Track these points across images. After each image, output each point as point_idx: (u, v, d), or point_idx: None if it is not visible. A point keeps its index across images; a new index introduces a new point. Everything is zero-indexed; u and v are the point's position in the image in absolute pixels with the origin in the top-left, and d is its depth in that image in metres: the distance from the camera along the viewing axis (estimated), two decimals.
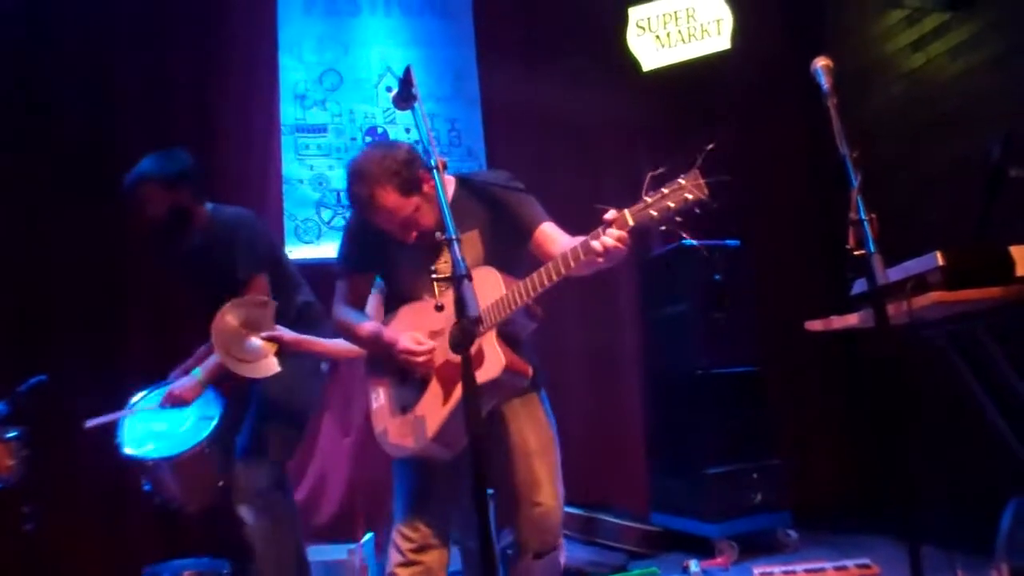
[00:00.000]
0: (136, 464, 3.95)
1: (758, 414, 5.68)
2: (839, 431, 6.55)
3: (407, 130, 6.32)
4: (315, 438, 5.93)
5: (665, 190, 2.48)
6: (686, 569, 5.08)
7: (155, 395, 4.12)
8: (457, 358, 2.84)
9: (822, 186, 6.47)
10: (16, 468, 3.95)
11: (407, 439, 3.04)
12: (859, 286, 2.65)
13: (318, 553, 5.16)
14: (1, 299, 5.34)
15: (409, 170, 2.98)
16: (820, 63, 3.03)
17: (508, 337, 2.89)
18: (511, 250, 3.12)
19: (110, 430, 4.02)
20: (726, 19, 6.06)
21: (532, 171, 6.46)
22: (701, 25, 6.12)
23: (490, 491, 3.16)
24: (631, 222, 2.54)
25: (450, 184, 3.20)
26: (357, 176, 3.02)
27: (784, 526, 5.54)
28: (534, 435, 3.10)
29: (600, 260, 2.60)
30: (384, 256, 3.23)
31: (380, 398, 3.20)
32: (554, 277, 2.70)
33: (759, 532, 5.59)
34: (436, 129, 6.33)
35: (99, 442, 5.19)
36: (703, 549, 5.47)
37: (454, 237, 2.42)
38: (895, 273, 2.60)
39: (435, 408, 2.96)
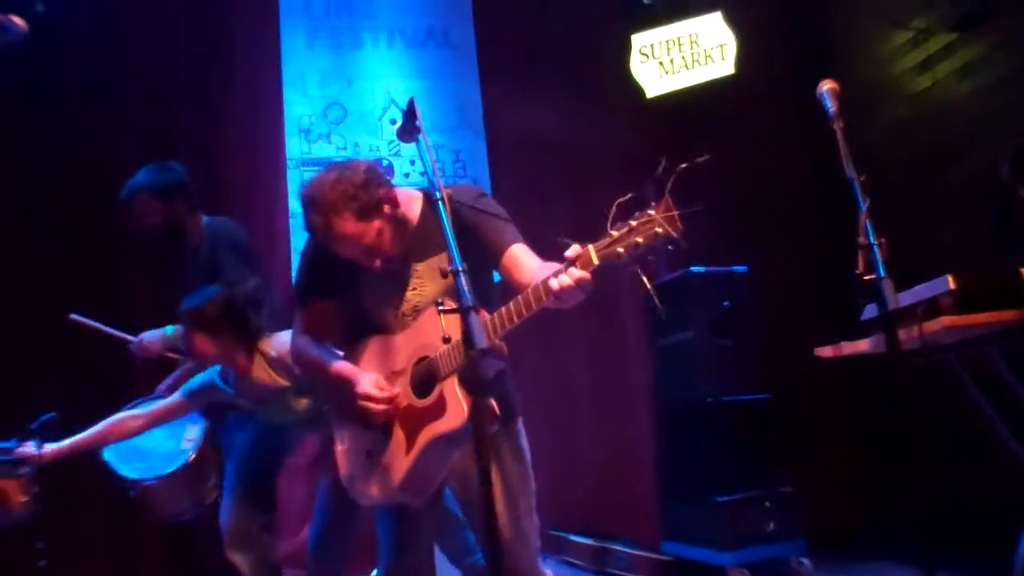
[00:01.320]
0: (119, 479, 4.09)
1: (769, 441, 5.64)
2: (851, 458, 6.49)
3: (412, 162, 6.33)
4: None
5: (633, 223, 2.22)
6: None
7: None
8: (419, 402, 2.72)
9: (829, 210, 6.45)
10: (29, 504, 3.93)
11: (373, 488, 2.90)
12: (870, 311, 2.63)
13: None
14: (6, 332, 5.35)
15: (367, 192, 2.73)
16: (826, 86, 3.03)
17: (473, 380, 2.49)
18: (479, 274, 2.72)
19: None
20: (730, 44, 6.06)
21: (537, 200, 6.53)
22: (705, 51, 6.12)
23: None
24: (596, 261, 2.29)
25: (416, 201, 3.01)
26: (311, 204, 2.77)
27: (797, 554, 5.49)
28: (504, 473, 2.90)
29: (554, 304, 2.38)
30: (346, 283, 2.98)
31: (345, 441, 3.04)
32: (515, 320, 2.46)
33: (772, 560, 5.54)
34: (441, 160, 6.34)
35: (109, 480, 5.25)
36: None
37: (461, 269, 2.29)
38: (906, 298, 2.58)
39: (399, 457, 2.78)
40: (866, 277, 2.52)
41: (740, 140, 6.37)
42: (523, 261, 2.79)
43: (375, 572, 5.18)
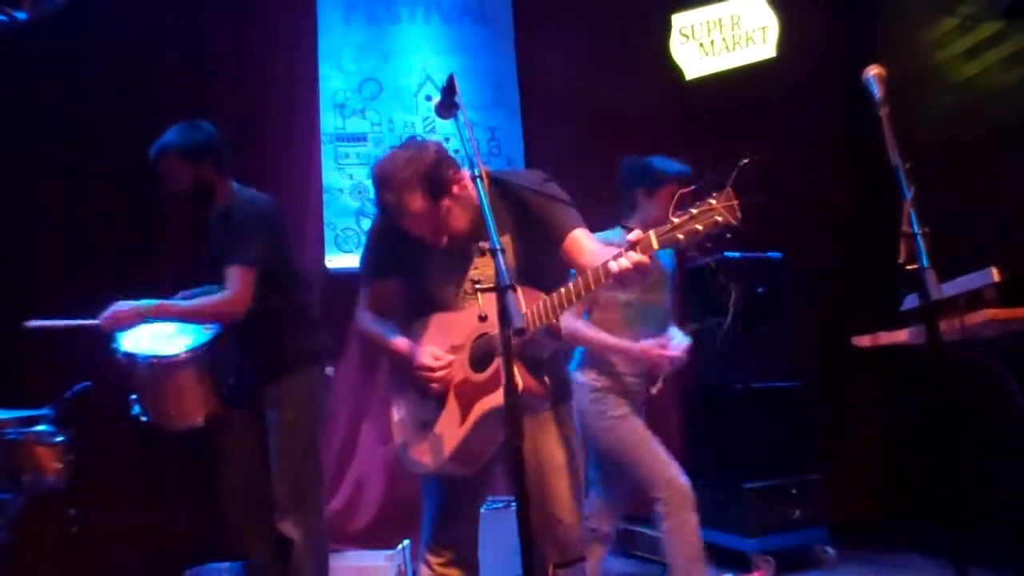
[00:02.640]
0: (129, 362, 3.86)
1: (798, 429, 5.62)
2: (879, 447, 6.46)
3: (447, 139, 6.30)
4: (353, 445, 5.96)
5: (694, 211, 2.28)
6: None
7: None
8: (476, 376, 2.82)
9: (868, 198, 6.39)
10: (62, 472, 3.96)
11: (425, 456, 2.97)
12: (910, 301, 2.59)
13: (355, 559, 5.18)
14: (41, 284, 5.39)
15: (438, 172, 2.84)
16: (873, 72, 2.98)
17: (529, 358, 2.72)
18: (542, 256, 2.93)
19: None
20: (772, 27, 5.98)
21: (572, 180, 6.47)
22: (746, 33, 6.05)
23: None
24: (655, 245, 2.35)
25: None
26: (383, 181, 2.88)
27: (822, 542, 5.48)
28: (558, 450, 3.00)
29: (615, 284, 2.46)
30: (411, 261, 3.07)
31: (401, 411, 3.15)
32: (573, 300, 2.56)
33: (796, 548, 5.54)
34: (476, 138, 6.27)
35: (142, 446, 5.27)
36: (739, 563, 5.43)
37: (498, 248, 2.32)
38: (948, 288, 2.54)
39: (452, 428, 2.88)
40: (908, 267, 2.49)
41: (779, 125, 6.32)
42: (585, 245, 2.84)
43: (405, 542, 5.23)
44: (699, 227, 2.26)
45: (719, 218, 2.24)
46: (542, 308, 2.61)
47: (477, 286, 2.41)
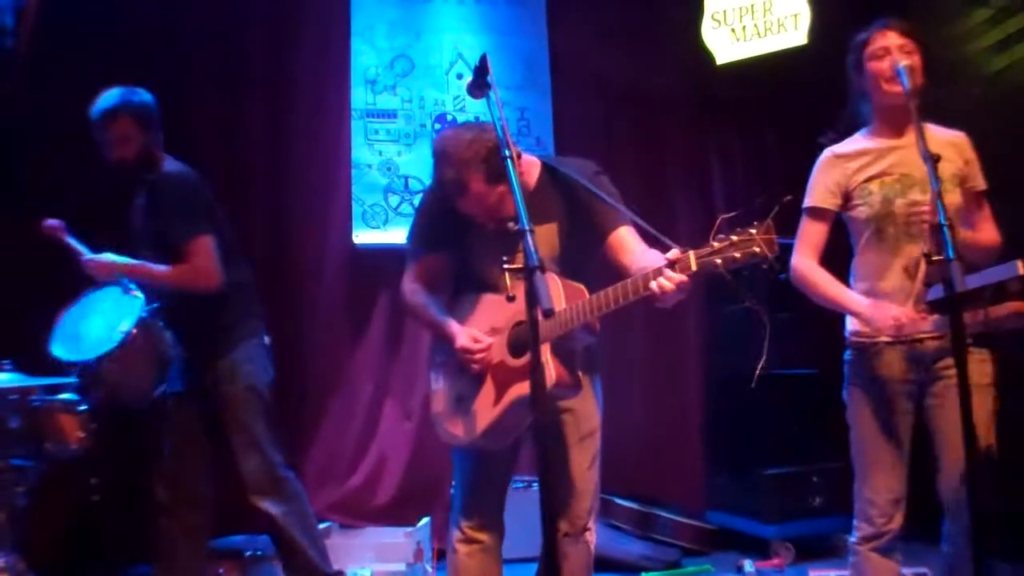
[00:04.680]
0: (71, 367, 3.77)
1: (820, 416, 5.61)
2: None
3: (476, 118, 6.30)
4: (376, 422, 5.99)
5: (735, 238, 2.32)
6: (740, 569, 5.07)
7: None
8: (512, 361, 2.89)
9: None
10: (86, 440, 3.99)
11: (458, 429, 3.07)
12: (934, 292, 2.59)
13: (375, 535, 5.21)
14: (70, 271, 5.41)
15: (499, 157, 2.72)
16: (904, 62, 2.98)
17: (563, 349, 2.81)
18: (586, 248, 3.04)
19: None
20: (803, 13, 5.96)
21: (601, 161, 6.46)
22: (777, 19, 6.02)
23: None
24: (694, 267, 2.40)
25: (535, 168, 3.16)
26: (445, 158, 2.92)
27: (842, 531, 5.47)
28: (583, 421, 3.12)
29: (654, 300, 2.51)
30: (460, 239, 3.14)
31: (439, 382, 3.20)
32: (612, 305, 2.61)
33: (816, 536, 5.55)
34: (506, 118, 6.28)
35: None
36: (758, 550, 5.45)
37: (527, 228, 2.35)
38: (973, 281, 2.53)
39: (487, 407, 2.96)
40: (934, 258, 2.49)
41: (808, 111, 6.28)
42: (628, 244, 2.92)
43: (425, 519, 5.27)
44: (737, 255, 2.31)
45: (757, 249, 2.28)
46: (583, 307, 2.68)
47: (506, 266, 2.43)
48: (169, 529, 4.02)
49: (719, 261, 2.34)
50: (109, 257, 3.82)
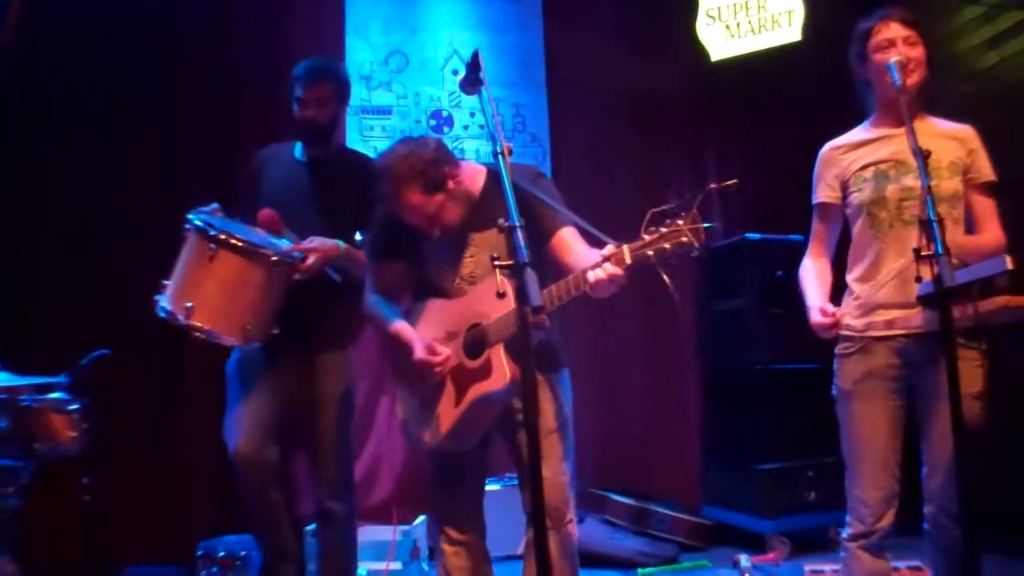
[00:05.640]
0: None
1: (815, 412, 5.59)
2: None
3: (471, 114, 6.33)
4: (371, 421, 5.98)
5: (664, 230, 2.46)
6: (737, 564, 5.07)
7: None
8: (469, 363, 3.00)
9: None
10: (77, 440, 3.98)
11: (424, 433, 3.18)
12: (925, 287, 2.60)
13: (372, 533, 5.20)
14: (64, 267, 5.40)
15: (434, 169, 3.05)
16: (895, 58, 2.99)
17: (515, 347, 2.87)
18: (531, 250, 2.91)
19: None
20: (797, 10, 5.96)
21: (597, 157, 6.51)
22: (772, 16, 6.03)
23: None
24: (628, 260, 2.55)
25: (480, 175, 3.26)
26: (383, 175, 3.10)
27: (837, 525, 5.47)
28: (549, 414, 3.16)
29: (590, 293, 2.67)
30: (412, 249, 3.28)
31: (405, 390, 3.33)
32: (556, 302, 2.76)
33: (812, 530, 5.56)
34: (501, 114, 6.32)
35: (157, 417, 5.29)
36: (754, 544, 5.46)
37: (518, 224, 2.41)
38: (962, 276, 2.54)
39: (448, 409, 3.07)
40: (924, 253, 2.50)
41: (803, 108, 6.30)
42: (571, 244, 3.06)
43: (421, 518, 5.27)
44: (667, 246, 2.45)
45: (685, 239, 2.42)
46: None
47: (496, 262, 2.47)
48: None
49: (651, 253, 2.48)
50: (329, 241, 3.69)
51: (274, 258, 3.45)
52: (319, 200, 3.88)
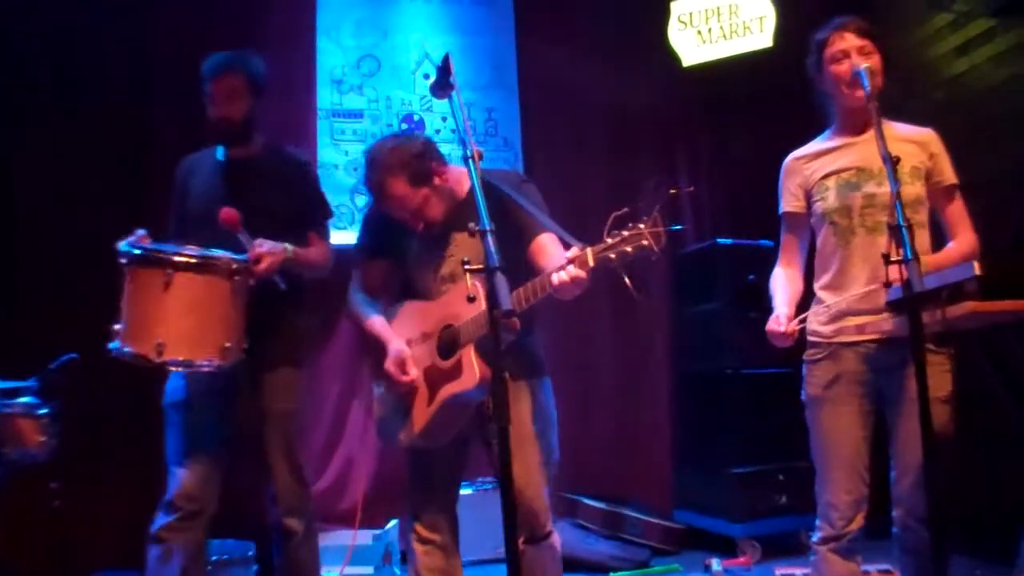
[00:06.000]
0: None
1: (786, 416, 5.61)
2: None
3: (443, 118, 6.32)
4: (342, 424, 5.97)
5: (625, 233, 2.50)
6: (708, 567, 5.09)
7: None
8: (442, 363, 3.05)
9: None
10: (46, 444, 3.96)
11: (399, 432, 3.23)
12: (894, 292, 2.61)
13: (343, 538, 5.19)
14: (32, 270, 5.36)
15: (420, 162, 3.11)
16: (864, 65, 3.00)
17: (486, 349, 2.89)
18: (512, 253, 3.03)
19: None
20: (769, 16, 6.00)
21: (568, 161, 6.52)
22: (743, 22, 6.06)
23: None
24: (591, 262, 2.58)
25: (466, 178, 3.21)
26: (371, 164, 3.16)
27: (808, 528, 5.49)
28: (525, 423, 3.17)
29: (555, 295, 2.71)
30: (398, 245, 3.34)
31: (380, 387, 3.36)
32: (524, 303, 2.78)
33: (783, 534, 5.58)
34: (473, 118, 6.31)
35: (127, 422, 5.24)
36: (726, 548, 5.48)
37: (488, 228, 2.42)
38: (931, 281, 2.56)
39: (421, 408, 3.12)
40: (893, 258, 2.51)
41: (774, 114, 6.33)
42: (548, 249, 3.10)
43: (393, 522, 5.26)
44: (628, 249, 2.48)
45: (645, 242, 2.46)
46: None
47: (467, 266, 2.48)
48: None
49: (613, 256, 2.51)
50: (278, 244, 3.43)
51: (234, 266, 3.27)
52: (246, 203, 3.48)
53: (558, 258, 2.92)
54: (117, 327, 3.16)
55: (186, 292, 3.18)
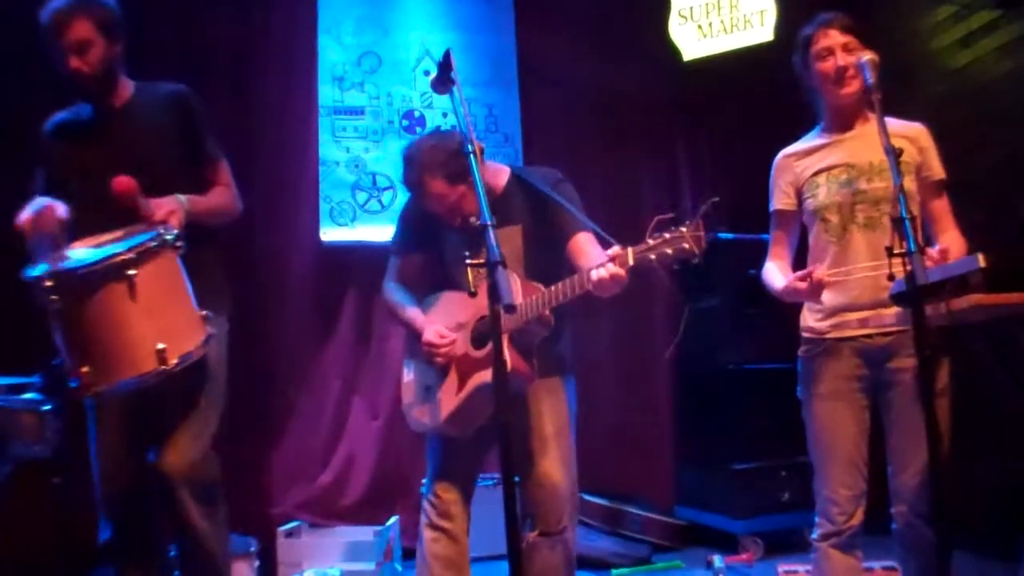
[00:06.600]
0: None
1: (788, 412, 5.60)
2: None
3: (444, 115, 6.30)
4: (344, 421, 5.96)
5: (667, 235, 2.59)
6: (710, 564, 5.07)
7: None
8: (475, 352, 3.17)
9: None
10: (49, 440, 3.95)
11: (425, 416, 3.33)
12: (898, 286, 2.60)
13: (344, 534, 5.19)
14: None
15: (457, 161, 3.07)
16: (866, 57, 2.99)
17: (520, 342, 3.06)
18: (549, 251, 3.28)
19: None
20: (770, 10, 5.98)
21: (569, 158, 6.49)
22: (744, 16, 6.05)
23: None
24: (631, 261, 2.67)
25: (503, 174, 3.43)
26: (409, 163, 3.26)
27: (811, 525, 5.48)
28: (552, 419, 3.31)
29: (593, 292, 2.79)
30: (434, 240, 3.46)
31: (410, 374, 3.48)
32: (561, 298, 2.89)
33: (785, 530, 5.56)
34: (473, 114, 6.29)
35: None
36: (728, 545, 5.47)
37: (489, 223, 2.45)
38: (934, 274, 2.55)
39: (450, 395, 3.21)
40: (897, 251, 2.50)
41: (775, 108, 6.31)
42: (585, 248, 3.19)
43: (394, 519, 5.26)
44: (669, 251, 2.59)
45: (686, 245, 2.56)
46: (536, 300, 2.96)
47: (468, 262, 2.52)
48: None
49: (653, 256, 2.62)
50: (172, 200, 3.08)
51: (169, 236, 2.89)
52: (128, 154, 3.16)
53: (596, 256, 3.01)
54: (85, 369, 2.83)
55: (154, 283, 2.81)
